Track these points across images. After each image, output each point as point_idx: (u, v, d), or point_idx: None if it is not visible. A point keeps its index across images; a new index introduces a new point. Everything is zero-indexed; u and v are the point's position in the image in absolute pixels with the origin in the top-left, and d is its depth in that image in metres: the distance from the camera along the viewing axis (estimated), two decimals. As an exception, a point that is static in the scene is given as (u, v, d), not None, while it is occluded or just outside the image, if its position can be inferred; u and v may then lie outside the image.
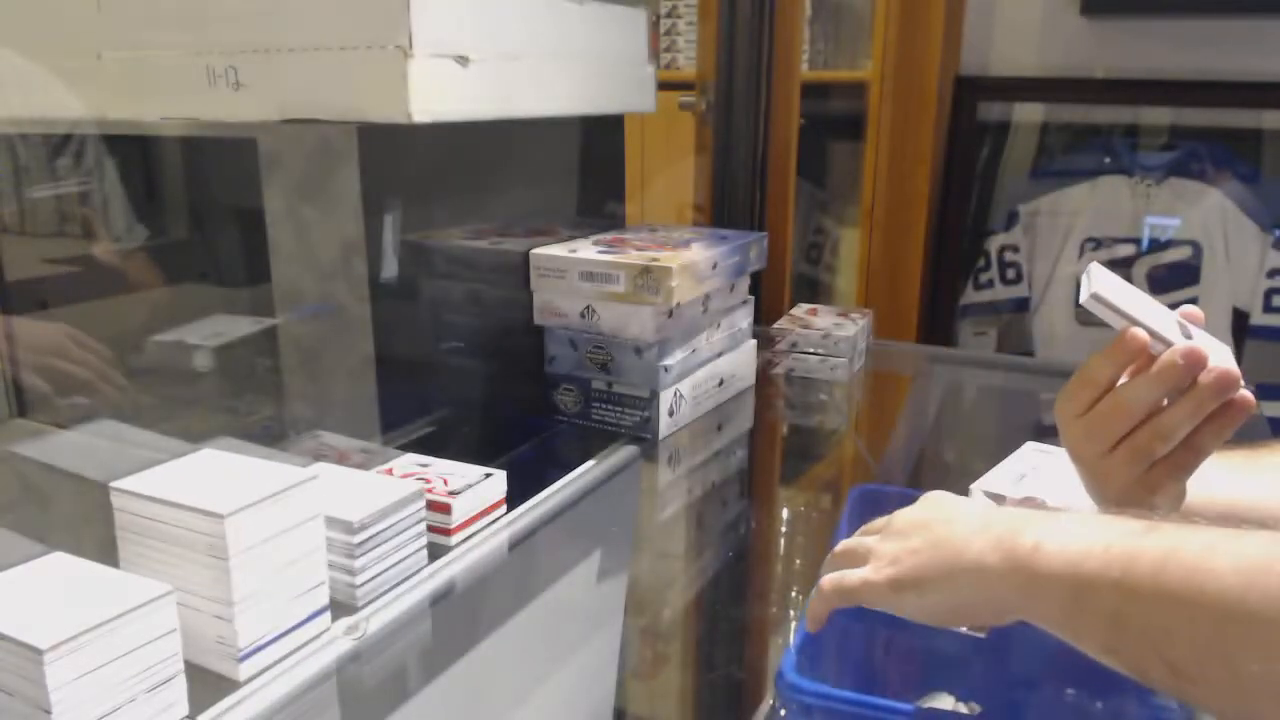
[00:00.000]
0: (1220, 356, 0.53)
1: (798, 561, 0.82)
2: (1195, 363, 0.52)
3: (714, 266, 0.95)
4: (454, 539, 0.69)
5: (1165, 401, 0.54)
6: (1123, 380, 0.55)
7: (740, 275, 1.02)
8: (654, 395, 0.91)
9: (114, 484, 0.54)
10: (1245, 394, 0.52)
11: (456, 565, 0.68)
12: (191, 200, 0.95)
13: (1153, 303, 0.56)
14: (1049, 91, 1.86)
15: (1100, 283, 0.55)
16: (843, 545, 0.56)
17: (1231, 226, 1.72)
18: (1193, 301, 1.72)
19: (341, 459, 0.75)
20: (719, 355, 1.02)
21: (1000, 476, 0.80)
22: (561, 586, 0.72)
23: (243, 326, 0.91)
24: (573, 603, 0.71)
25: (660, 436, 0.92)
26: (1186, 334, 0.55)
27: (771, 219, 1.44)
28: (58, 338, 0.82)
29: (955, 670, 0.61)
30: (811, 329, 1.16)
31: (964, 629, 0.63)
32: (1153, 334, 0.53)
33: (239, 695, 0.52)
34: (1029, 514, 0.48)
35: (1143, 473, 0.55)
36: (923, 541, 0.50)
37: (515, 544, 0.72)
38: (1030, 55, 1.86)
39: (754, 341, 1.09)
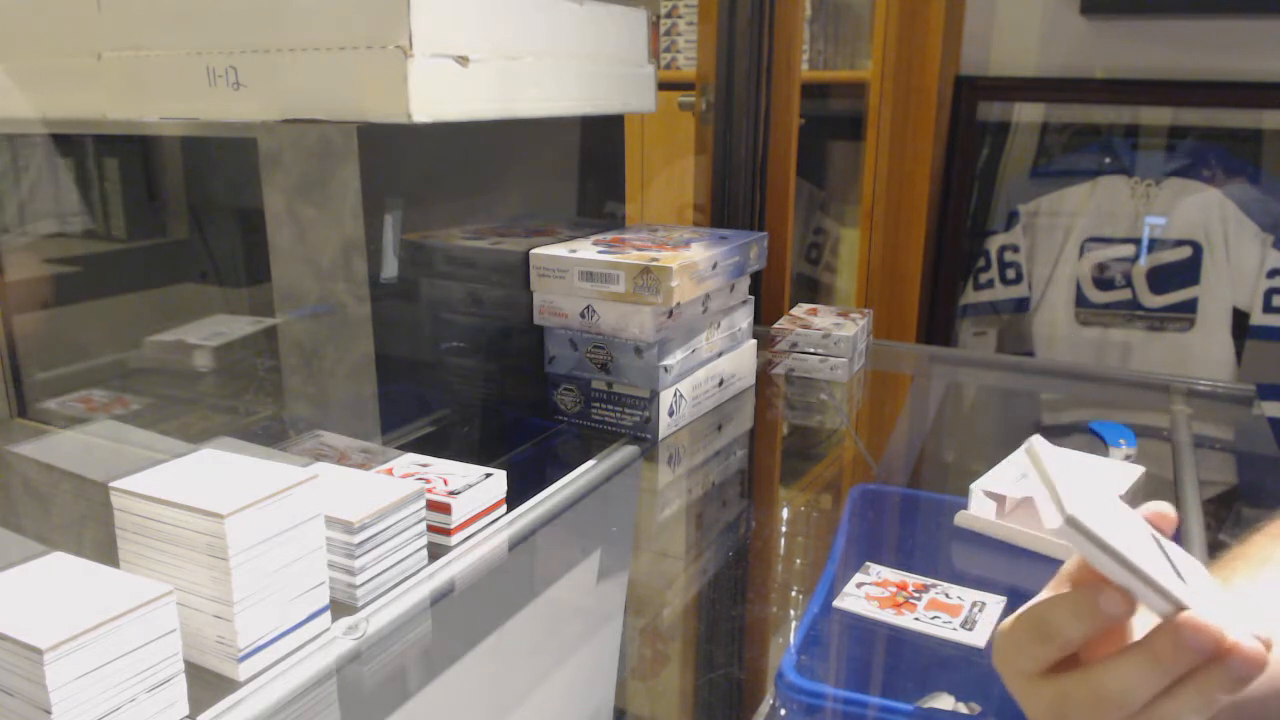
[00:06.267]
0: (1222, 615, 0.39)
1: (798, 561, 0.82)
2: (1210, 646, 0.38)
3: (714, 266, 0.95)
4: (454, 539, 0.69)
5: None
6: (1106, 661, 0.42)
7: (740, 275, 1.02)
8: (654, 395, 0.91)
9: (114, 484, 0.54)
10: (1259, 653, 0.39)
11: (456, 565, 0.68)
12: (191, 200, 0.95)
13: (1121, 506, 0.44)
14: (1049, 91, 1.86)
15: (1071, 496, 0.40)
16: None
17: (1231, 226, 1.71)
18: (1192, 302, 1.74)
19: (341, 459, 0.75)
20: (719, 355, 1.02)
21: (1000, 476, 0.80)
22: (561, 586, 0.72)
23: (243, 326, 0.91)
24: (573, 603, 0.71)
25: (660, 436, 0.92)
26: (1169, 560, 0.42)
27: (771, 219, 1.44)
28: None
29: (955, 670, 0.61)
30: (811, 329, 1.16)
31: (960, 636, 0.63)
32: (1137, 574, 0.39)
33: (239, 695, 0.52)
34: None
35: None
36: None
37: (515, 544, 0.72)
38: (1030, 55, 1.86)
39: (754, 341, 1.09)
